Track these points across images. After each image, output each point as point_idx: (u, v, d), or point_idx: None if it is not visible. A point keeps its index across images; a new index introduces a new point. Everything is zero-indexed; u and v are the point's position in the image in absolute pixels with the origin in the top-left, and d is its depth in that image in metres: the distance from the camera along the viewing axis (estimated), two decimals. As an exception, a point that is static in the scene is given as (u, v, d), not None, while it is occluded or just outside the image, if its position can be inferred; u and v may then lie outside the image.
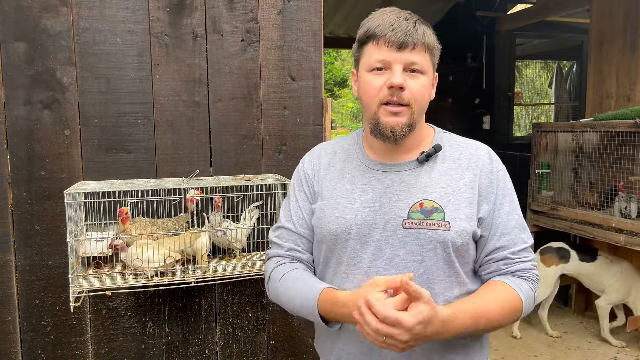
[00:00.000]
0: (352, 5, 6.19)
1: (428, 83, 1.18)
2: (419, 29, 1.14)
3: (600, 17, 4.08)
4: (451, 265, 1.15)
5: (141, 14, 1.83)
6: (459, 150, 1.23)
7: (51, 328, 1.83)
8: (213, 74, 1.93)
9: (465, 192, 1.17)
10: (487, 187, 1.18)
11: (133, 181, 1.81)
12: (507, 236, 1.18)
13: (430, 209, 1.14)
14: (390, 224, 1.16)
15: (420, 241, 1.14)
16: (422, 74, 1.15)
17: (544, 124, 4.05)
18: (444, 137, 1.27)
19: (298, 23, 2.00)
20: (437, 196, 1.16)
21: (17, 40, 1.73)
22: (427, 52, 1.16)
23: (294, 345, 2.09)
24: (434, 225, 1.13)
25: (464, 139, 1.28)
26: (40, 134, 1.77)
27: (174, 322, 1.95)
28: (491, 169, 1.20)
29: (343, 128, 15.99)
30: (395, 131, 1.15)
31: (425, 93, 1.17)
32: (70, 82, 1.79)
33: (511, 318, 1.15)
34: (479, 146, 1.25)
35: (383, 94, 1.14)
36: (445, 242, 1.13)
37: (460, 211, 1.15)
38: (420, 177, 1.19)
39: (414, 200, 1.16)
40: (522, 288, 1.16)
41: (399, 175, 1.21)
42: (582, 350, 3.60)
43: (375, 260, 1.16)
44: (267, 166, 2.02)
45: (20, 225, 1.78)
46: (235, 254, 1.90)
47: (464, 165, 1.20)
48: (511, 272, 1.18)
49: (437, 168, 1.20)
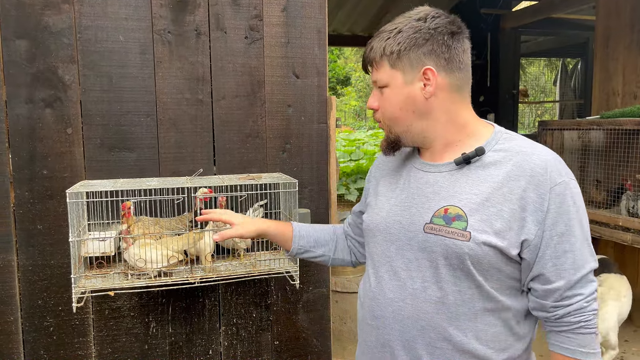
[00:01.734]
0: (355, 3, 6.16)
1: (391, 93, 1.16)
2: (370, 47, 1.17)
3: (607, 14, 4.04)
4: (471, 277, 1.07)
5: (144, 11, 1.81)
6: (510, 155, 1.09)
7: (54, 328, 1.81)
8: (216, 72, 1.91)
9: (502, 204, 1.05)
10: (534, 203, 1.04)
11: (136, 180, 1.79)
12: (556, 266, 1.05)
13: (453, 215, 1.08)
14: (413, 225, 1.14)
15: (436, 248, 1.09)
16: (386, 88, 1.17)
17: (550, 121, 4.01)
18: (500, 139, 1.14)
19: (302, 20, 1.98)
20: (465, 203, 1.08)
21: (18, 37, 1.71)
22: (384, 62, 1.15)
23: (298, 346, 2.07)
24: (452, 233, 1.07)
25: (526, 142, 1.12)
26: (42, 133, 1.75)
27: (178, 323, 1.94)
28: (543, 181, 1.04)
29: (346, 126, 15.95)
30: (382, 148, 1.25)
31: (390, 105, 1.17)
32: (73, 80, 1.77)
33: None
34: (536, 153, 1.08)
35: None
36: (462, 253, 1.05)
37: (488, 223, 1.05)
38: (455, 180, 1.12)
39: (440, 204, 1.11)
40: (576, 349, 1.07)
41: (435, 176, 1.16)
42: (588, 349, 3.58)
43: (395, 261, 1.18)
44: (271, 165, 2.00)
45: (22, 224, 1.76)
46: (239, 254, 1.88)
47: (508, 173, 1.07)
48: (558, 320, 1.08)
49: (478, 173, 1.10)
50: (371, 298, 1.22)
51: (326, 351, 2.11)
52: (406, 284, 1.14)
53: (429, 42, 1.12)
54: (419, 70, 1.12)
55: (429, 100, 1.13)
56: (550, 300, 1.07)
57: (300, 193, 1.97)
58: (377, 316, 1.20)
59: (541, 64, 11.48)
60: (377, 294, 1.20)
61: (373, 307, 1.21)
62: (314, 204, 2.05)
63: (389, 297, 1.17)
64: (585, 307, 1.06)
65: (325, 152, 2.06)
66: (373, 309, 1.21)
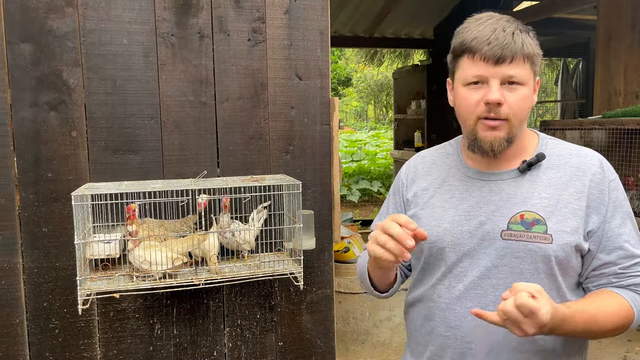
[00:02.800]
0: (357, 4, 6.17)
1: (528, 93, 1.13)
2: (517, 39, 1.09)
3: (608, 14, 4.05)
4: (553, 278, 1.12)
5: (147, 14, 1.82)
6: (566, 158, 1.17)
7: (59, 330, 1.82)
8: (220, 74, 1.92)
9: (572, 204, 1.11)
10: (597, 199, 1.12)
11: (140, 182, 1.80)
12: (618, 251, 1.12)
13: (531, 220, 1.11)
14: (488, 234, 1.14)
15: (519, 254, 1.11)
16: (521, 85, 1.11)
17: (552, 121, 4.02)
18: (548, 144, 1.21)
19: (305, 22, 1.98)
20: (539, 207, 1.11)
21: (23, 41, 1.72)
22: (527, 62, 1.11)
23: (303, 347, 2.08)
24: (535, 238, 1.10)
25: (573, 145, 1.21)
26: (47, 136, 1.76)
27: (182, 324, 1.94)
28: (602, 178, 1.13)
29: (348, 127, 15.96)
30: (494, 146, 1.13)
31: (524, 105, 1.12)
32: (77, 84, 1.78)
33: (620, 329, 1.11)
34: (589, 154, 1.18)
35: (480, 109, 1.12)
36: (547, 256, 1.09)
37: (564, 224, 1.10)
38: (521, 187, 1.15)
39: (514, 211, 1.13)
40: (635, 301, 1.11)
41: (499, 184, 1.17)
42: (591, 349, 3.56)
43: (470, 270, 1.16)
44: (274, 166, 2.00)
45: (27, 227, 1.77)
46: (243, 256, 1.89)
47: (570, 175, 1.14)
48: (623, 286, 1.13)
49: (540, 177, 1.15)
50: (444, 309, 1.20)
51: (330, 352, 2.12)
52: (487, 292, 1.14)
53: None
54: (535, 77, 1.16)
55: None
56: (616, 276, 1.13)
57: (304, 194, 1.98)
58: (453, 326, 1.18)
59: (542, 64, 11.48)
60: (452, 304, 1.18)
61: (448, 318, 1.19)
62: (318, 205, 2.05)
63: (467, 307, 1.15)
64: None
65: (328, 154, 2.06)
66: (448, 320, 1.19)
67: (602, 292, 1.13)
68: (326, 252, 2.07)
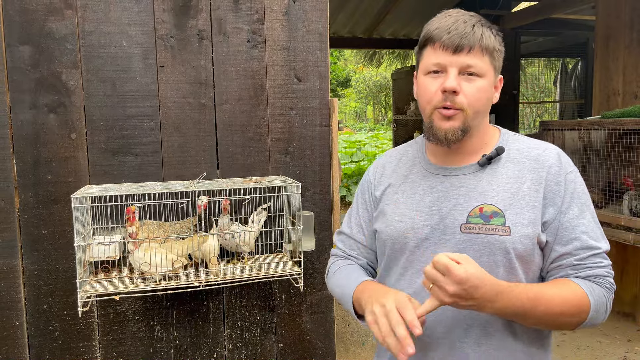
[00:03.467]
0: (356, 5, 6.18)
1: (486, 86, 1.14)
2: (476, 31, 1.11)
3: (607, 14, 4.05)
4: (512, 272, 1.12)
5: (146, 16, 1.82)
6: (525, 152, 1.19)
7: (59, 333, 1.82)
8: (219, 76, 1.92)
9: (530, 196, 1.13)
10: (553, 190, 1.13)
11: (140, 184, 1.80)
12: (575, 242, 1.12)
13: (490, 213, 1.12)
14: (448, 228, 1.15)
15: (478, 246, 1.12)
16: (479, 77, 1.12)
17: (551, 122, 4.02)
18: (509, 139, 1.23)
19: (304, 23, 1.99)
20: (498, 200, 1.13)
21: (22, 43, 1.72)
22: (486, 55, 1.13)
23: (303, 348, 2.08)
24: (493, 230, 1.10)
25: (533, 140, 1.23)
26: (47, 138, 1.76)
27: (182, 326, 1.94)
28: (559, 170, 1.15)
29: (347, 127, 15.97)
30: (448, 135, 1.14)
31: (482, 96, 1.14)
32: (76, 86, 1.78)
33: (574, 318, 1.09)
34: (547, 147, 1.20)
35: (437, 98, 1.13)
36: (506, 248, 1.10)
37: (522, 216, 1.11)
38: (481, 180, 1.16)
39: (474, 204, 1.14)
40: (592, 291, 1.10)
41: (459, 179, 1.19)
42: (592, 349, 3.58)
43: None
44: (274, 168, 2.00)
45: (27, 229, 1.77)
46: (243, 257, 1.88)
47: (528, 167, 1.16)
48: (581, 277, 1.12)
49: (500, 171, 1.17)
50: None
51: (330, 353, 2.12)
52: None
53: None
54: (497, 75, 1.19)
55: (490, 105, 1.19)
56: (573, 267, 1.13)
57: (304, 196, 1.98)
58: None
59: (541, 65, 11.49)
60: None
61: None
62: (317, 206, 2.05)
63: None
64: (606, 276, 1.12)
65: (327, 155, 2.06)
66: None
67: (557, 280, 1.14)
68: (326, 254, 2.07)
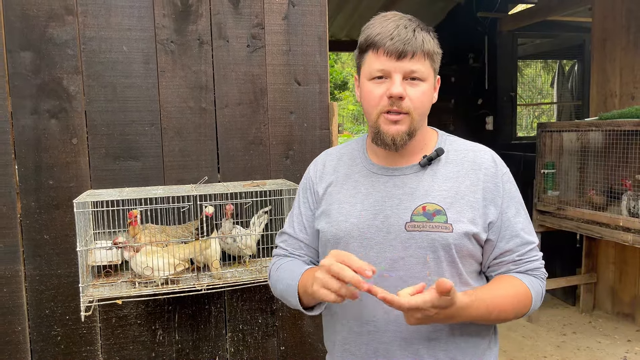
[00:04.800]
0: (354, 8, 6.20)
1: (428, 89, 1.18)
2: (418, 36, 1.14)
3: (603, 16, 4.08)
4: (454, 266, 1.17)
5: (147, 22, 1.83)
6: (462, 153, 1.24)
7: (61, 338, 1.82)
8: (219, 80, 1.93)
9: (468, 195, 1.18)
10: (492, 191, 1.19)
11: (141, 189, 1.80)
12: (515, 239, 1.19)
13: (433, 211, 1.16)
14: (393, 227, 1.18)
15: (423, 243, 1.15)
16: (422, 81, 1.16)
17: (549, 123, 4.04)
18: (447, 141, 1.28)
19: (303, 28, 2.00)
20: (440, 199, 1.17)
21: (23, 49, 1.73)
22: (427, 59, 1.16)
23: (304, 351, 2.08)
24: (436, 227, 1.15)
25: (467, 142, 1.29)
26: (48, 143, 1.77)
27: (184, 330, 1.95)
28: (495, 172, 1.21)
29: (345, 130, 15.99)
30: (396, 139, 1.17)
31: (425, 100, 1.18)
32: (77, 91, 1.79)
33: (521, 312, 1.18)
34: (482, 149, 1.26)
35: (383, 103, 1.16)
36: (448, 244, 1.14)
37: (462, 214, 1.16)
38: (422, 180, 1.21)
39: (417, 203, 1.18)
40: (532, 284, 1.19)
41: (402, 179, 1.22)
42: (592, 350, 3.59)
43: (378, 263, 1.18)
44: (274, 171, 2.01)
45: (29, 235, 1.77)
46: (244, 261, 1.89)
47: (467, 169, 1.21)
48: (521, 271, 1.21)
49: (440, 171, 1.21)
50: (356, 305, 1.20)
51: (332, 356, 2.12)
52: (395, 284, 1.15)
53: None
54: (435, 75, 1.22)
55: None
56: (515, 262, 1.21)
57: (304, 199, 1.98)
58: (366, 321, 1.19)
59: (538, 66, 11.53)
60: (364, 298, 1.17)
61: (361, 313, 1.20)
62: (318, 209, 2.06)
63: (376, 300, 1.13)
64: (540, 267, 1.23)
65: (328, 158, 2.07)
66: (361, 315, 1.20)
67: (502, 278, 1.21)
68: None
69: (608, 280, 4.18)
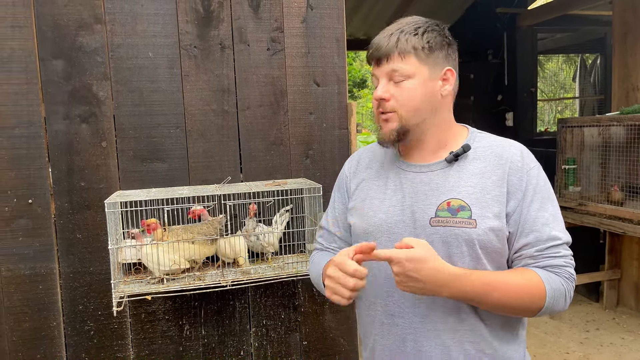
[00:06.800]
0: (370, 7, 6.22)
1: (418, 84, 1.22)
2: (392, 39, 1.22)
3: (623, 9, 4.03)
4: (478, 262, 1.18)
5: (171, 28, 1.90)
6: (490, 149, 1.26)
7: (94, 332, 1.91)
8: (241, 83, 1.99)
9: (494, 191, 1.19)
10: (515, 185, 1.20)
11: (168, 189, 1.88)
12: (535, 233, 1.17)
13: (457, 207, 1.19)
14: (418, 222, 1.22)
15: (446, 239, 1.18)
16: (408, 79, 1.21)
17: (570, 119, 4.01)
18: (476, 137, 1.30)
19: (321, 30, 2.05)
20: (465, 195, 1.19)
21: (55, 58, 1.81)
22: (408, 56, 1.21)
23: (327, 346, 2.13)
24: (460, 223, 1.17)
25: (498, 138, 1.30)
26: (79, 147, 1.85)
27: (210, 325, 2.01)
28: (521, 166, 1.21)
29: (365, 129, 15.98)
30: (385, 137, 1.26)
31: (414, 95, 1.22)
32: (106, 96, 1.87)
33: (530, 304, 1.15)
34: (511, 144, 1.27)
35: (375, 105, 1.27)
36: (471, 239, 1.16)
37: (488, 209, 1.17)
38: (449, 177, 1.23)
39: (442, 199, 1.21)
40: (549, 279, 1.15)
41: (428, 175, 1.26)
42: (615, 346, 3.56)
43: None
44: (295, 170, 2.07)
45: (62, 234, 1.86)
46: (267, 257, 1.95)
47: (493, 164, 1.22)
48: (539, 267, 1.17)
49: (466, 167, 1.23)
50: (384, 297, 1.26)
51: (353, 350, 2.17)
52: None
53: (450, 47, 1.26)
54: (441, 69, 1.24)
55: (444, 98, 1.26)
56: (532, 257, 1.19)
57: (324, 197, 2.03)
58: (394, 314, 1.25)
59: (560, 60, 11.37)
60: (393, 292, 1.24)
61: (388, 306, 1.26)
62: (338, 207, 2.11)
63: (402, 294, 1.22)
64: (564, 266, 1.17)
65: (346, 157, 2.11)
66: (388, 308, 1.26)
67: (516, 269, 1.21)
68: (347, 253, 2.12)
69: (632, 277, 4.14)
